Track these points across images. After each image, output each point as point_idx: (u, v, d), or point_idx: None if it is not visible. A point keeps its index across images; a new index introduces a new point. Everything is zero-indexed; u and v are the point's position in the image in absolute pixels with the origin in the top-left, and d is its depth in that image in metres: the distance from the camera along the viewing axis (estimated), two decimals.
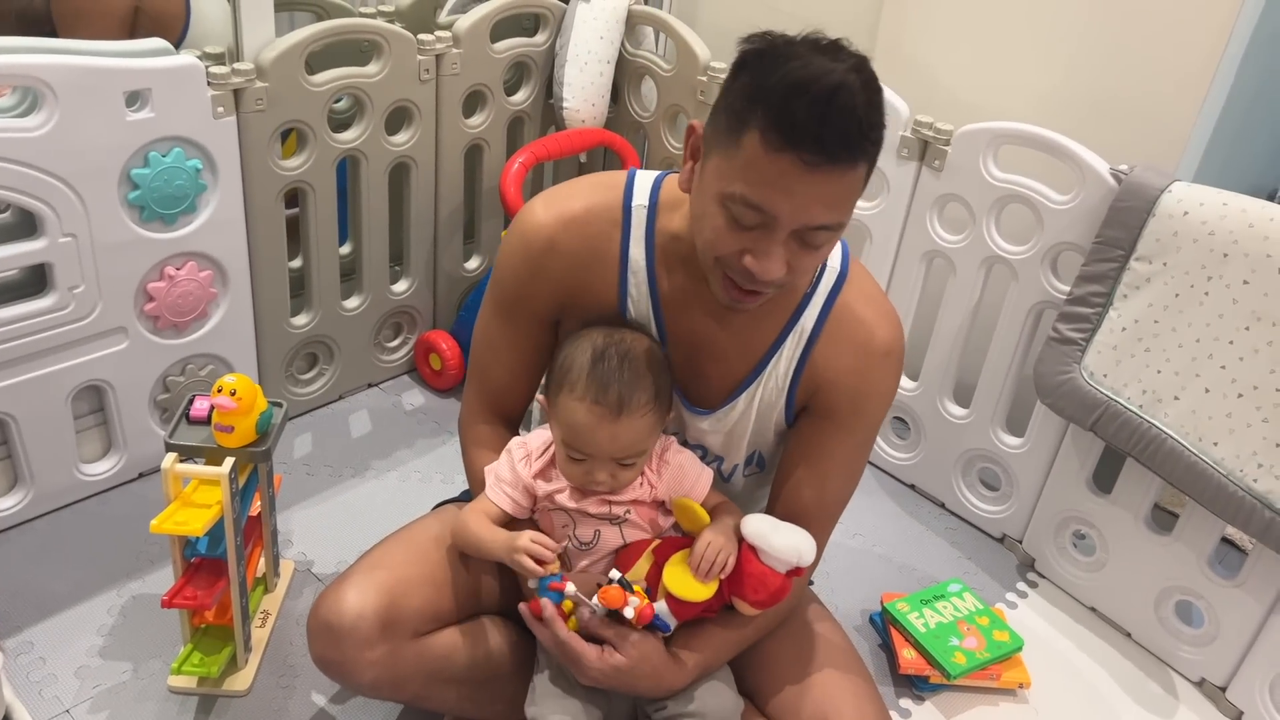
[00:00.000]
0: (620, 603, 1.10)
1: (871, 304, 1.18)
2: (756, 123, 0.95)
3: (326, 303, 1.89)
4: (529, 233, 1.17)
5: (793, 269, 1.02)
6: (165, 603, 1.29)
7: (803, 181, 0.95)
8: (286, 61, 1.62)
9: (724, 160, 0.99)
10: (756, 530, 1.13)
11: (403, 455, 1.90)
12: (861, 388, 1.17)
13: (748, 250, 1.01)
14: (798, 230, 0.99)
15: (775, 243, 0.99)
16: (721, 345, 1.18)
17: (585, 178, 1.24)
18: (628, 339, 1.14)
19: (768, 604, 1.12)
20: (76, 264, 1.50)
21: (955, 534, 1.87)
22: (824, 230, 1.00)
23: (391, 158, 1.86)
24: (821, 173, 0.94)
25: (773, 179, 0.95)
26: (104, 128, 1.45)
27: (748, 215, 0.99)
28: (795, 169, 0.94)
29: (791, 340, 1.17)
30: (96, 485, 1.69)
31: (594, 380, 1.11)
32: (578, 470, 1.15)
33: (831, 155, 0.94)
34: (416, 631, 1.18)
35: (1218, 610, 1.53)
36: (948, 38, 1.89)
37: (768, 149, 0.95)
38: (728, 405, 1.20)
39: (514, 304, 1.21)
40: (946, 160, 1.71)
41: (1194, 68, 1.61)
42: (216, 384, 1.29)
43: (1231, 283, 1.40)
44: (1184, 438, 1.46)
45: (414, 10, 1.97)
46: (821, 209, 0.98)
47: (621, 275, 1.17)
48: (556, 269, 1.17)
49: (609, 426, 1.10)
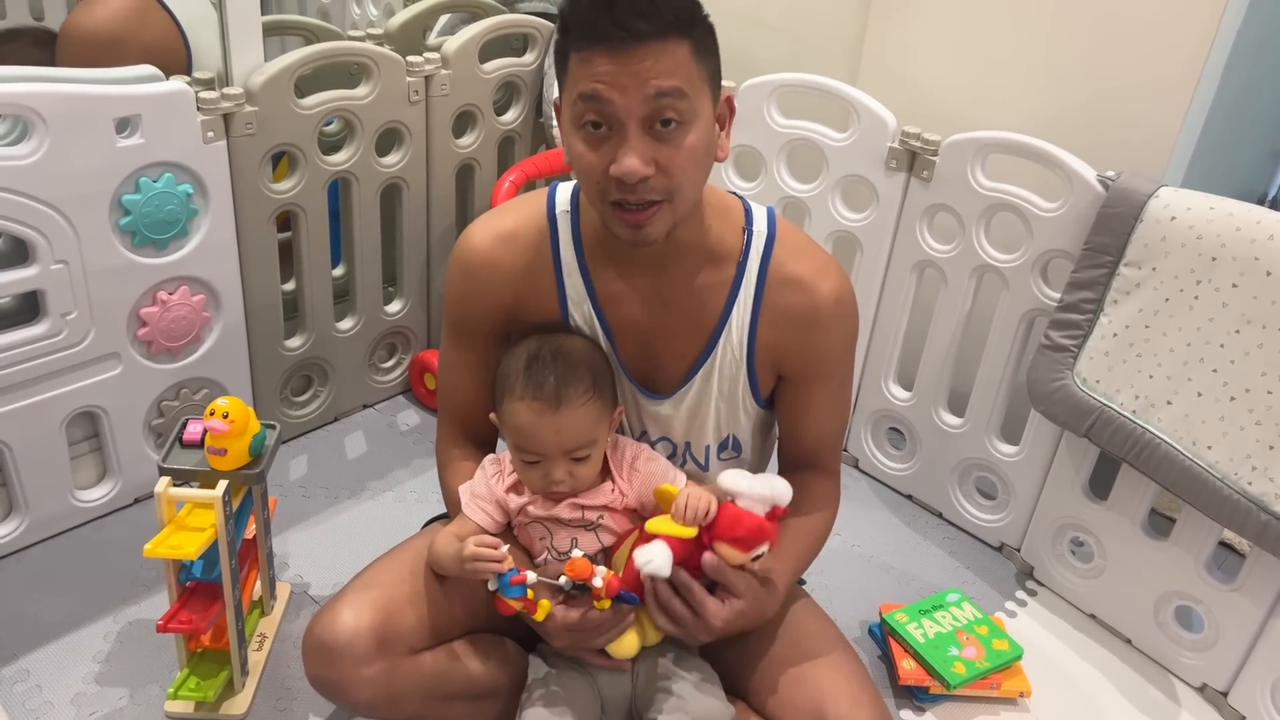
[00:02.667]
0: (588, 572, 1.10)
1: (807, 259, 1.20)
2: (569, 44, 1.03)
3: (320, 325, 1.90)
4: (465, 255, 1.22)
5: (663, 167, 1.04)
6: (160, 627, 1.29)
7: (620, 64, 0.99)
8: (276, 85, 1.63)
9: (567, 97, 1.05)
10: (729, 478, 1.13)
11: (399, 475, 1.89)
12: (822, 346, 1.21)
13: (611, 161, 1.03)
14: (645, 116, 1.01)
15: (629, 138, 1.02)
16: (669, 329, 1.21)
17: (514, 199, 1.29)
18: (560, 338, 1.18)
19: (751, 542, 1.10)
20: (69, 290, 1.51)
21: (953, 544, 1.86)
22: (666, 100, 1.01)
23: (382, 179, 1.87)
24: (632, 51, 0.99)
25: (596, 74, 1.01)
26: (94, 154, 1.46)
27: (592, 115, 1.03)
28: (607, 57, 0.99)
29: (737, 311, 1.20)
30: (92, 511, 1.69)
31: (530, 378, 1.14)
32: (535, 474, 1.17)
33: (630, 30, 0.98)
34: (412, 648, 1.18)
35: (1217, 615, 1.53)
36: (933, 49, 1.90)
37: (581, 56, 1.01)
38: (685, 386, 1.23)
39: (462, 326, 1.25)
40: (935, 170, 1.72)
41: (1178, 73, 1.62)
42: (209, 407, 1.29)
43: (1221, 286, 1.41)
44: (1178, 442, 1.46)
45: (403, 32, 1.99)
46: (652, 80, 1.00)
47: (558, 279, 1.21)
48: (495, 285, 1.21)
49: (551, 420, 1.13)
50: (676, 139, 1.03)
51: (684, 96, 1.02)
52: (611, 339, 1.22)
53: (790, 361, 1.23)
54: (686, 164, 1.05)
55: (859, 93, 1.77)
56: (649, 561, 1.09)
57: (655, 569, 1.09)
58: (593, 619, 1.13)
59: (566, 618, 1.13)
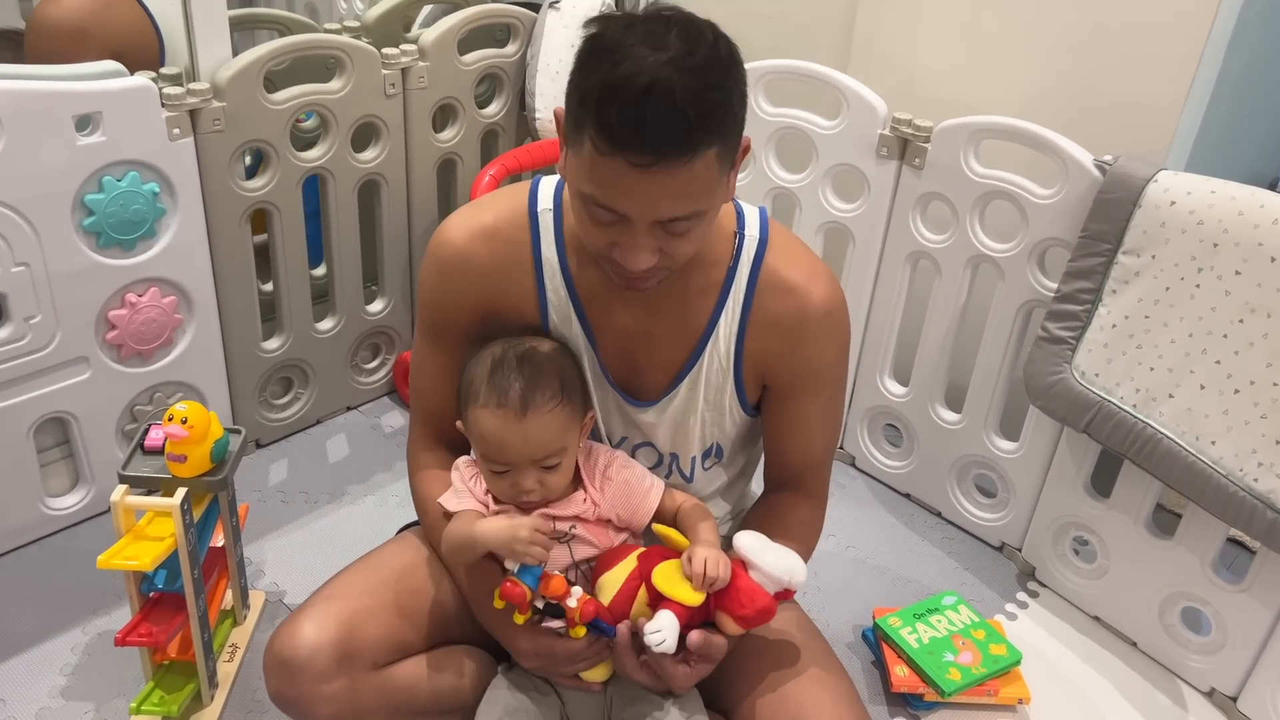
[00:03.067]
0: (563, 590, 1.05)
1: (798, 266, 1.15)
2: (588, 126, 0.93)
3: (299, 326, 1.85)
4: (440, 251, 1.16)
5: (667, 254, 1.00)
6: (119, 640, 1.25)
7: (640, 181, 0.93)
8: (244, 80, 1.58)
9: (575, 158, 0.98)
10: (749, 546, 1.08)
11: (381, 479, 1.85)
12: (812, 356, 1.16)
13: (614, 243, 0.99)
14: (653, 223, 0.97)
15: (636, 235, 0.97)
16: (654, 335, 1.15)
17: (494, 192, 1.23)
18: (527, 342, 1.12)
19: (754, 621, 1.07)
20: (31, 294, 1.47)
21: (952, 544, 1.81)
22: (679, 222, 0.97)
23: (360, 175, 1.82)
24: (656, 171, 0.92)
25: (612, 180, 0.94)
26: (53, 153, 1.42)
27: (602, 214, 0.98)
28: (628, 170, 0.92)
29: (725, 318, 1.14)
30: (64, 520, 1.65)
31: (494, 385, 1.09)
32: (504, 484, 1.11)
33: (658, 153, 0.91)
34: (376, 663, 1.13)
35: (1225, 616, 1.47)
36: (925, 33, 1.84)
37: (599, 152, 0.93)
38: (670, 393, 1.17)
39: (436, 324, 1.19)
40: (927, 158, 1.66)
41: (1179, 51, 1.55)
42: (168, 412, 1.24)
43: (1223, 274, 1.34)
44: (1180, 437, 1.40)
45: (381, 25, 1.93)
46: (669, 203, 0.95)
47: (538, 279, 1.15)
48: (471, 283, 1.15)
49: (517, 427, 1.08)
50: (684, 233, 0.99)
51: (697, 215, 0.98)
52: (594, 343, 1.17)
53: (776, 371, 1.17)
54: (690, 250, 1.02)
55: (849, 79, 1.71)
56: (662, 641, 1.03)
57: (667, 647, 1.03)
58: (565, 649, 1.08)
59: (537, 644, 1.08)
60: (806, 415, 1.20)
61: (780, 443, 1.23)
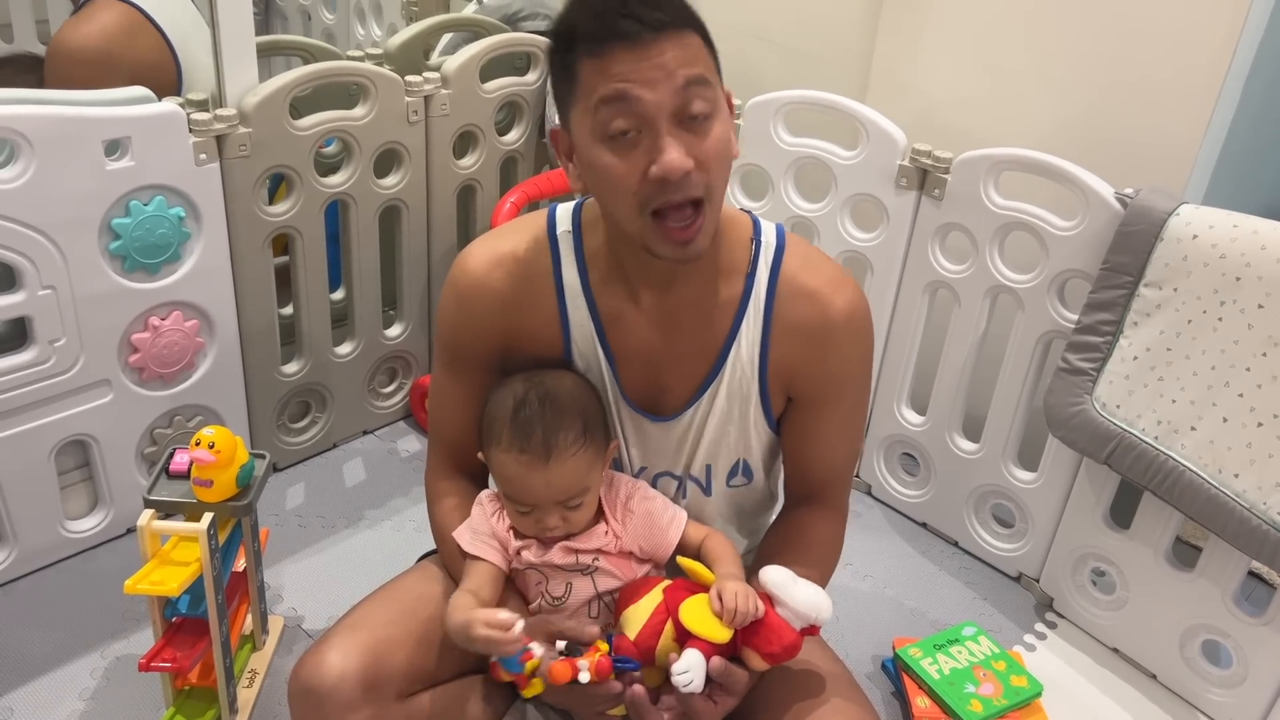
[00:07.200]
0: (569, 676, 1.02)
1: (818, 272, 1.15)
2: (577, 54, 0.97)
3: (318, 350, 1.86)
4: (459, 279, 1.17)
5: (699, 161, 0.99)
6: (142, 666, 1.25)
7: (643, 58, 0.95)
8: (270, 106, 1.60)
9: (581, 110, 0.99)
10: (777, 581, 1.07)
11: (398, 504, 1.85)
12: (834, 363, 1.15)
13: (649, 166, 0.98)
14: (675, 110, 0.97)
15: (662, 135, 0.97)
16: (676, 350, 1.15)
17: (512, 221, 1.24)
18: (548, 379, 1.12)
19: (780, 658, 1.06)
20: (57, 316, 1.47)
21: (969, 573, 1.80)
22: (694, 89, 0.97)
23: (381, 201, 1.83)
24: (652, 44, 0.95)
25: (616, 72, 0.95)
26: (83, 178, 1.43)
27: (620, 121, 0.97)
28: (628, 54, 0.95)
29: (746, 326, 1.14)
30: (82, 543, 1.65)
31: (517, 429, 1.09)
32: (528, 521, 1.12)
33: (647, 21, 0.94)
34: (401, 692, 1.12)
35: (1246, 649, 1.46)
36: (944, 64, 1.85)
37: (595, 55, 0.96)
38: (692, 406, 1.17)
39: (455, 353, 1.20)
40: (947, 188, 1.67)
41: (1198, 85, 1.56)
42: (195, 437, 1.25)
43: (1246, 307, 1.35)
44: (1203, 469, 1.40)
45: (403, 52, 1.96)
46: (676, 69, 0.96)
47: (560, 302, 1.15)
48: (491, 311, 1.16)
49: (541, 473, 1.08)
50: (706, 130, 0.99)
51: (709, 84, 0.98)
52: (613, 364, 1.17)
53: (801, 380, 1.17)
54: (720, 155, 1.01)
55: (868, 109, 1.72)
56: (689, 683, 1.02)
57: (695, 688, 1.03)
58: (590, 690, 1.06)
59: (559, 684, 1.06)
60: (829, 425, 1.19)
61: (801, 454, 1.22)
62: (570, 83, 1.00)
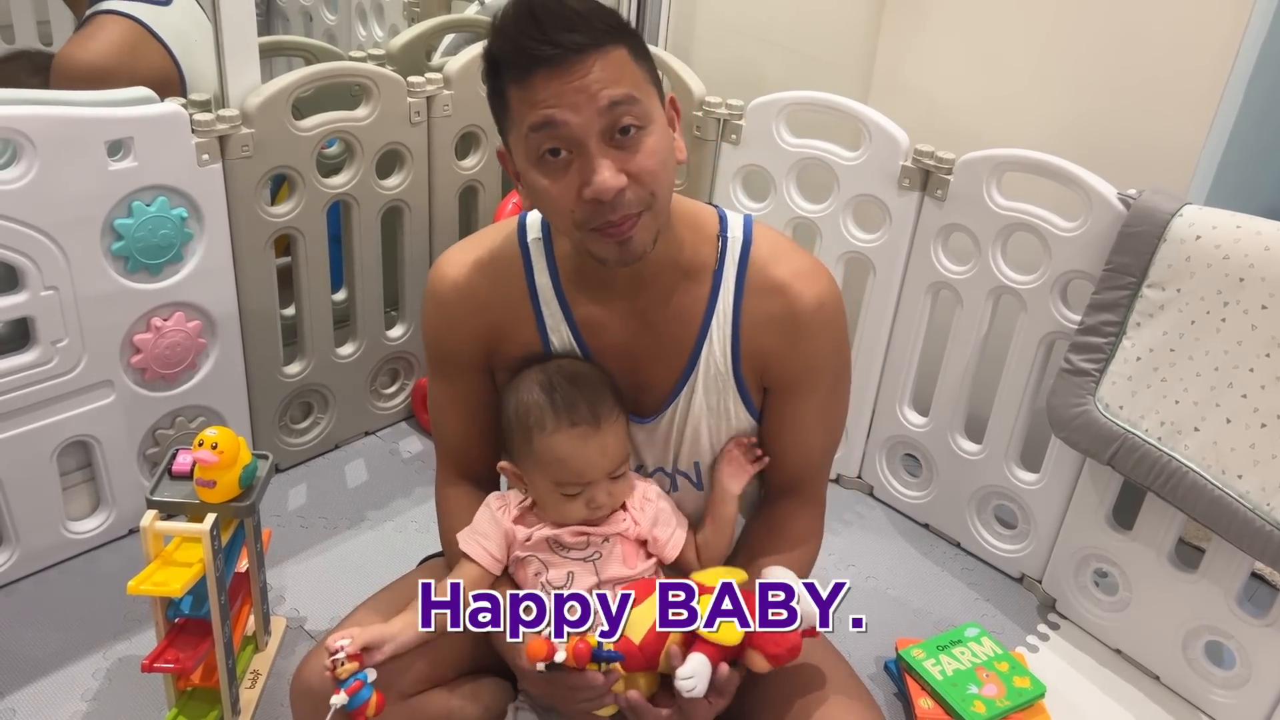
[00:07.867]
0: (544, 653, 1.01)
1: (786, 262, 1.14)
2: (505, 82, 0.97)
3: (320, 350, 1.86)
4: (437, 286, 1.18)
5: (634, 176, 0.98)
6: (145, 667, 1.25)
7: (564, 81, 0.94)
8: (272, 107, 1.60)
9: (515, 135, 1.00)
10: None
11: (400, 505, 1.85)
12: (805, 353, 1.15)
13: (582, 186, 0.98)
14: (603, 130, 0.96)
15: (592, 156, 0.97)
16: (650, 350, 1.16)
17: (483, 229, 1.24)
18: (564, 363, 1.14)
19: (783, 659, 1.06)
20: (59, 317, 1.47)
21: (972, 574, 1.80)
22: (620, 108, 0.96)
23: (383, 201, 1.83)
24: (573, 66, 0.94)
25: (540, 99, 0.95)
26: (85, 178, 1.43)
27: (551, 142, 0.97)
28: (547, 77, 0.94)
29: (716, 323, 1.14)
30: (85, 543, 1.65)
31: (561, 407, 1.09)
32: (578, 505, 1.11)
33: (565, 44, 0.94)
34: (404, 693, 1.13)
35: (1249, 651, 1.46)
36: (946, 65, 1.85)
37: (519, 83, 0.96)
38: (670, 404, 1.17)
39: (443, 360, 1.21)
40: (949, 189, 1.67)
41: (1201, 86, 1.56)
42: (198, 438, 1.25)
43: (1249, 308, 1.35)
44: (1206, 470, 1.40)
45: (405, 53, 1.96)
46: (599, 90, 0.95)
47: (535, 307, 1.16)
48: (470, 315, 1.17)
49: (596, 441, 1.09)
50: (638, 144, 0.98)
51: (636, 101, 0.98)
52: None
53: (774, 371, 1.17)
54: (655, 167, 1.00)
55: (870, 110, 1.72)
56: (693, 688, 1.03)
57: (698, 693, 1.03)
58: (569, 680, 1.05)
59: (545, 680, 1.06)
60: (805, 415, 1.19)
61: (779, 447, 1.21)
62: (503, 109, 1.00)
